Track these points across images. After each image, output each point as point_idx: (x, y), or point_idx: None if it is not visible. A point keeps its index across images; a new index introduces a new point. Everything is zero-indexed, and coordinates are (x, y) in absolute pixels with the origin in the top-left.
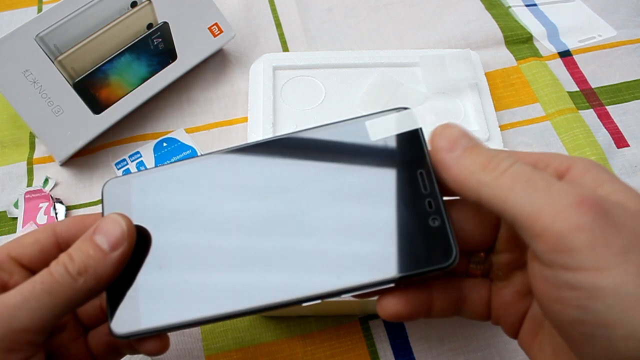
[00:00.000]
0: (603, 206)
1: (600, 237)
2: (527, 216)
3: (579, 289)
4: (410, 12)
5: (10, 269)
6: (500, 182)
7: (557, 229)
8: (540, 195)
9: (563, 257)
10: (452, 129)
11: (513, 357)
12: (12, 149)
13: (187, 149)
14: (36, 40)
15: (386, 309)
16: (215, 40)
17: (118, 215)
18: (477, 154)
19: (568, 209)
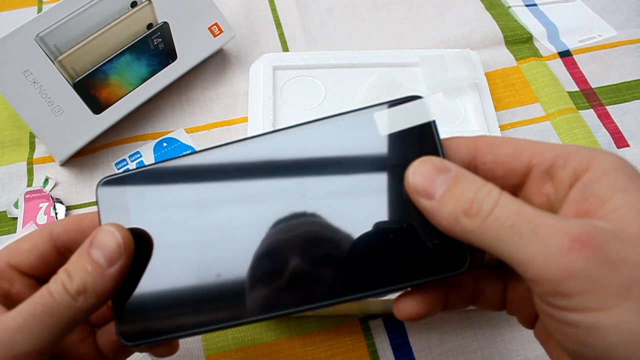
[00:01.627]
0: (597, 244)
1: (596, 280)
2: (519, 263)
3: (578, 327)
4: (410, 12)
5: (11, 277)
6: (485, 229)
7: (551, 276)
8: (528, 242)
9: (561, 300)
10: (425, 165)
11: (513, 357)
12: (12, 149)
13: (187, 149)
14: (36, 40)
15: (403, 310)
16: (215, 40)
17: (114, 227)
18: (457, 196)
19: (559, 255)
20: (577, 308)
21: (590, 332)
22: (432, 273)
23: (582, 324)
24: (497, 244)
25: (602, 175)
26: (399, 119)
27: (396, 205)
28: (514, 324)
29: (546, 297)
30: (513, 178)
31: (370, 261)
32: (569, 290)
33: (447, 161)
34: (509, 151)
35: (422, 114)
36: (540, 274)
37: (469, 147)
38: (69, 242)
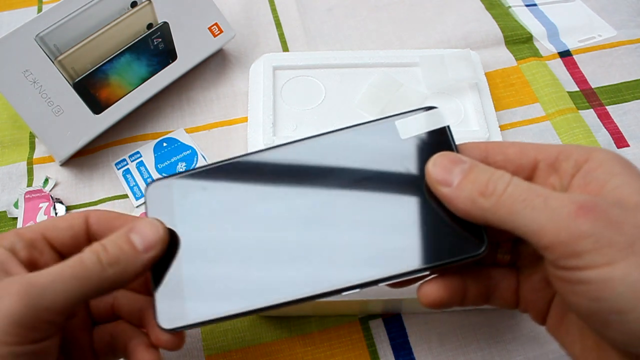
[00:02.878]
0: (600, 209)
1: (603, 239)
2: (532, 233)
3: (590, 284)
4: (410, 12)
5: (42, 248)
6: (500, 206)
7: (563, 239)
8: (539, 213)
9: (572, 260)
10: (443, 158)
11: (513, 357)
12: (12, 149)
13: (187, 149)
14: (36, 40)
15: (428, 294)
16: (215, 40)
17: (156, 221)
18: (472, 180)
19: (567, 220)
20: (588, 265)
21: (601, 286)
22: (454, 255)
23: (594, 279)
24: (512, 218)
25: (600, 164)
26: (418, 125)
27: (419, 196)
28: (514, 324)
29: (559, 261)
30: (521, 173)
31: (398, 246)
32: (579, 249)
33: (462, 155)
34: (517, 150)
35: (438, 120)
36: (552, 240)
37: (481, 148)
38: (99, 231)
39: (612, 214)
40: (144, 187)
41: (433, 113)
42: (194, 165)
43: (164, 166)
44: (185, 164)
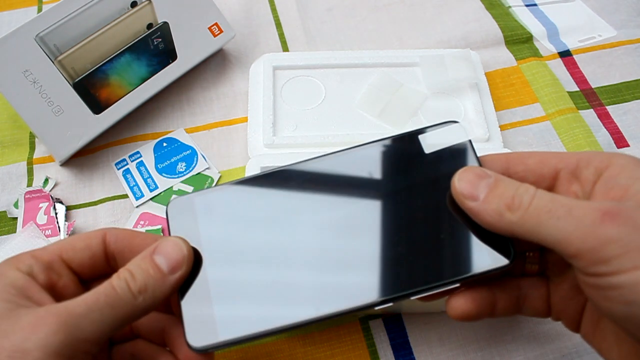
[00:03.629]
0: (625, 214)
1: (631, 243)
2: (559, 243)
3: (621, 288)
4: (410, 12)
5: (60, 271)
6: (527, 219)
7: (590, 246)
8: (565, 222)
9: (601, 267)
10: (468, 172)
11: (513, 357)
12: (12, 149)
13: (187, 149)
14: (36, 40)
15: (456, 308)
16: (215, 40)
17: (179, 239)
18: (499, 195)
19: (593, 227)
20: (617, 270)
21: (633, 289)
22: (483, 267)
23: (625, 283)
24: (539, 230)
25: (622, 169)
26: (440, 139)
27: (445, 210)
28: (514, 324)
29: (588, 268)
30: (543, 183)
31: (427, 259)
32: (607, 255)
33: (486, 169)
34: (537, 160)
35: (460, 134)
36: (579, 247)
37: (502, 160)
38: (117, 251)
39: (637, 217)
40: (144, 186)
41: (455, 127)
42: (193, 165)
43: (164, 166)
44: (185, 164)
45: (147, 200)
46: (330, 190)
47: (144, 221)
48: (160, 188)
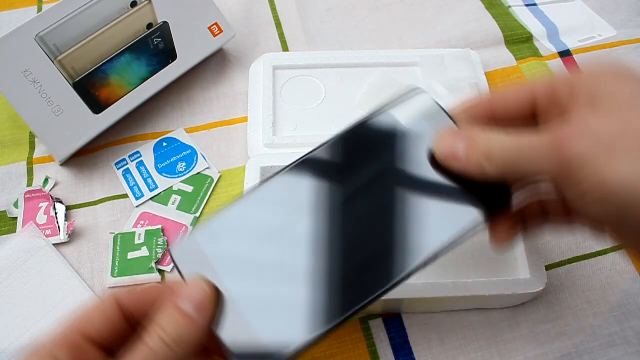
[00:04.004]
0: (577, 130)
1: (588, 153)
2: (537, 176)
3: (593, 192)
4: (410, 12)
5: (85, 348)
6: (504, 165)
7: (558, 171)
8: (534, 158)
9: (572, 182)
10: (444, 135)
11: (513, 357)
12: (12, 149)
13: (187, 148)
14: (36, 40)
15: (500, 239)
16: (215, 40)
17: (198, 279)
18: (476, 150)
19: (555, 154)
20: (585, 179)
21: (600, 190)
22: (492, 208)
23: (594, 189)
24: (517, 171)
25: (588, 80)
26: (410, 109)
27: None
28: (514, 324)
29: (564, 187)
30: (525, 115)
31: (442, 219)
32: (574, 173)
33: (456, 128)
34: (515, 96)
35: (426, 99)
36: (551, 174)
37: (486, 106)
38: (135, 311)
39: (594, 128)
40: (144, 186)
41: (419, 93)
42: (193, 165)
43: (164, 166)
44: (185, 164)
45: (147, 200)
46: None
47: (144, 221)
48: (160, 188)
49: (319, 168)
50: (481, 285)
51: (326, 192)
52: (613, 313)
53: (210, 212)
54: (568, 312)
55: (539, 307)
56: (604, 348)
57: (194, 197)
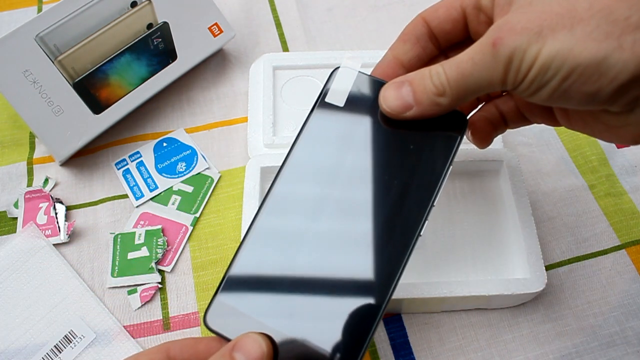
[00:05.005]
0: (505, 27)
1: (521, 45)
2: (488, 88)
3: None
4: (410, 12)
5: None
6: (455, 92)
7: (501, 74)
8: (477, 72)
9: (519, 79)
10: (387, 92)
11: (513, 357)
12: (12, 149)
13: (187, 149)
14: (36, 40)
15: (479, 143)
16: (215, 40)
17: (258, 335)
18: (423, 91)
19: (494, 59)
20: (527, 69)
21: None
22: (458, 133)
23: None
24: (469, 91)
25: None
26: (341, 89)
27: (401, 127)
28: (513, 324)
29: (514, 89)
30: (458, 25)
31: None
32: (515, 72)
33: (390, 81)
34: (445, 9)
35: (350, 72)
36: (494, 80)
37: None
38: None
39: (518, 22)
40: (144, 186)
41: (341, 72)
42: (193, 165)
43: (164, 166)
44: (185, 164)
45: (147, 200)
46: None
47: (144, 221)
48: (160, 188)
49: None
50: (481, 285)
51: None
52: (613, 313)
53: (210, 212)
54: (568, 312)
55: (539, 307)
56: (604, 348)
57: (194, 197)
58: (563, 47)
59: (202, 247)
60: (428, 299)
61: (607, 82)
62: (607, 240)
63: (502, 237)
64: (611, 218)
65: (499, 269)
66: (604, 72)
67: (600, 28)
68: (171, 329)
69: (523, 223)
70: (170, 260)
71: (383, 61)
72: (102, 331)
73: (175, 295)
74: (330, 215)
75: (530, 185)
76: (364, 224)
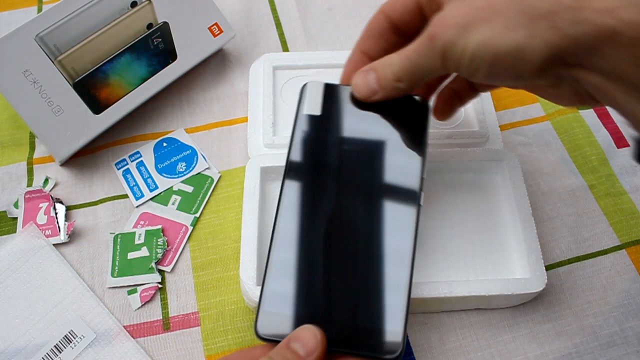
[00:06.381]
0: (441, 24)
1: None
2: (435, 73)
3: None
4: None
5: None
6: (409, 76)
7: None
8: (422, 61)
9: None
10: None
11: (513, 357)
12: (12, 149)
13: (187, 149)
14: (36, 40)
15: (440, 116)
16: (215, 40)
17: (313, 327)
18: (384, 78)
19: (432, 52)
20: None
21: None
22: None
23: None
24: (422, 75)
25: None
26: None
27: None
28: (513, 324)
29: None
30: (418, 17)
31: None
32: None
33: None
34: (401, 5)
35: (318, 85)
36: (445, 68)
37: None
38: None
39: (450, 17)
40: (144, 186)
41: (309, 87)
42: (193, 165)
43: (164, 166)
44: (185, 164)
45: (147, 200)
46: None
47: (144, 221)
48: (160, 188)
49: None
50: (481, 285)
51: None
52: (613, 313)
53: (210, 212)
54: (568, 312)
55: (539, 307)
56: (604, 348)
57: (194, 197)
58: (485, 38)
59: (202, 247)
60: (428, 299)
61: (526, 66)
62: (607, 240)
63: (502, 237)
64: (611, 218)
65: (499, 269)
66: (521, 58)
67: (514, 19)
68: (171, 329)
69: (523, 223)
70: (170, 260)
71: (352, 57)
72: (102, 331)
73: (175, 295)
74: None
75: (530, 185)
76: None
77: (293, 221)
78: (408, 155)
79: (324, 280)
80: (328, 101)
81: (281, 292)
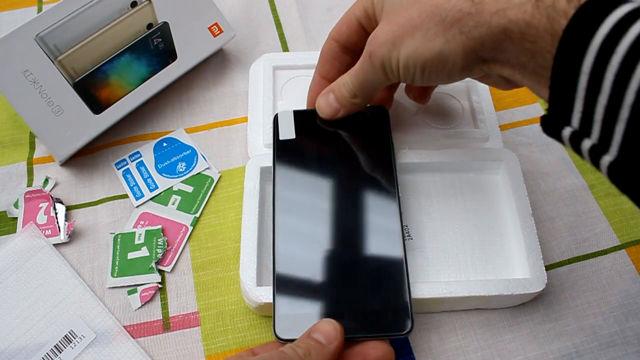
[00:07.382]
0: (373, 42)
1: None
2: (381, 87)
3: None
4: None
5: None
6: (361, 92)
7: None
8: (365, 77)
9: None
10: (319, 103)
11: (513, 357)
12: (12, 149)
13: (187, 149)
14: (36, 40)
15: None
16: (215, 40)
17: (332, 319)
18: (342, 97)
19: (373, 67)
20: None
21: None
22: (386, 121)
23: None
24: (372, 91)
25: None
26: (287, 127)
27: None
28: (513, 324)
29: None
30: (363, 35)
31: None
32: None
33: (320, 93)
34: (345, 28)
35: (288, 113)
36: (387, 79)
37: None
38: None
39: (381, 35)
40: (144, 186)
41: (280, 116)
42: (193, 165)
43: (164, 166)
44: (185, 164)
45: (147, 200)
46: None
47: (144, 221)
48: (160, 188)
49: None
50: (481, 286)
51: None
52: (613, 313)
53: (210, 212)
54: (568, 312)
55: (538, 307)
56: (604, 348)
57: (194, 197)
58: (411, 50)
59: (202, 247)
60: (428, 299)
61: (451, 67)
62: (607, 240)
63: (502, 237)
64: (611, 218)
65: (499, 269)
66: (444, 61)
67: (431, 30)
68: (171, 329)
69: (523, 223)
70: (170, 260)
71: (313, 83)
72: (102, 331)
73: (175, 295)
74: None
75: (530, 185)
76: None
77: (291, 229)
78: (379, 153)
79: (330, 277)
80: (300, 125)
81: (292, 294)
